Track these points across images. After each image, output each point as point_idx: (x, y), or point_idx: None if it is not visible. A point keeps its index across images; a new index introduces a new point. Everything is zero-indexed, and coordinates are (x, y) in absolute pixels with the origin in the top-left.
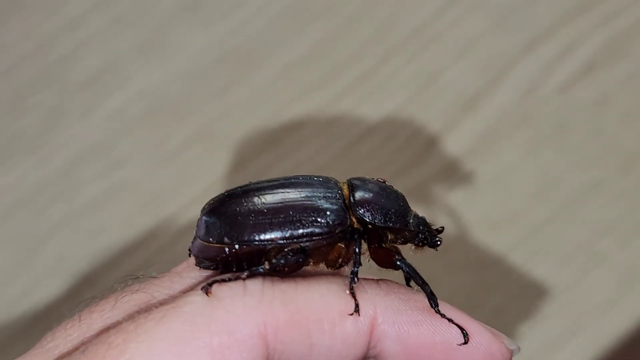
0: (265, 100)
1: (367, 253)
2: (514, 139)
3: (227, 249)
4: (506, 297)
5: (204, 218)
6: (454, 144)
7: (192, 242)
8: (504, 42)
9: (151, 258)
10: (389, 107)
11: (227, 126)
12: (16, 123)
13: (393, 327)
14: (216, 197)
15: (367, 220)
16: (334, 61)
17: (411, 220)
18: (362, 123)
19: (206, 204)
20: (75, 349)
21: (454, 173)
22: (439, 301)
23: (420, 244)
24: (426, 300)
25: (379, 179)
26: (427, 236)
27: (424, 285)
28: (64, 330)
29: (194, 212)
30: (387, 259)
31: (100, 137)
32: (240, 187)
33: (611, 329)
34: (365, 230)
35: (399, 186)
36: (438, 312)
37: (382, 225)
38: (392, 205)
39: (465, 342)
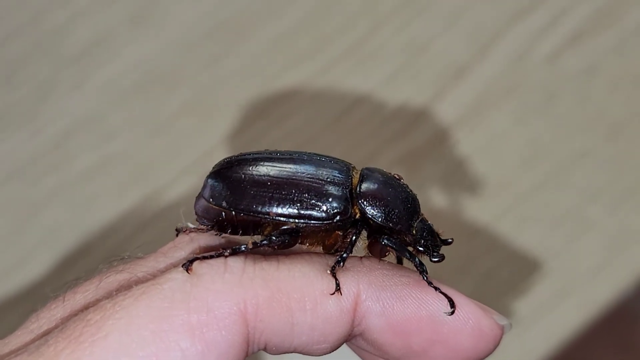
0: (256, 71)
1: (364, 243)
2: (502, 108)
3: (224, 214)
4: (496, 263)
5: (209, 179)
6: (443, 113)
7: (196, 199)
8: (493, 11)
9: (143, 228)
10: (378, 77)
11: (217, 97)
12: (9, 95)
13: (377, 303)
14: (226, 158)
15: (368, 215)
16: (323, 32)
17: (415, 224)
18: (351, 93)
19: (217, 163)
20: (55, 327)
21: (443, 142)
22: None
23: (419, 252)
24: (410, 275)
25: (395, 175)
26: (429, 247)
27: (412, 258)
28: (48, 310)
29: (185, 182)
30: (380, 252)
31: (92, 109)
32: (252, 153)
33: (599, 294)
34: (366, 222)
35: (388, 155)
36: (427, 280)
37: (382, 224)
38: (398, 205)
39: (452, 312)
